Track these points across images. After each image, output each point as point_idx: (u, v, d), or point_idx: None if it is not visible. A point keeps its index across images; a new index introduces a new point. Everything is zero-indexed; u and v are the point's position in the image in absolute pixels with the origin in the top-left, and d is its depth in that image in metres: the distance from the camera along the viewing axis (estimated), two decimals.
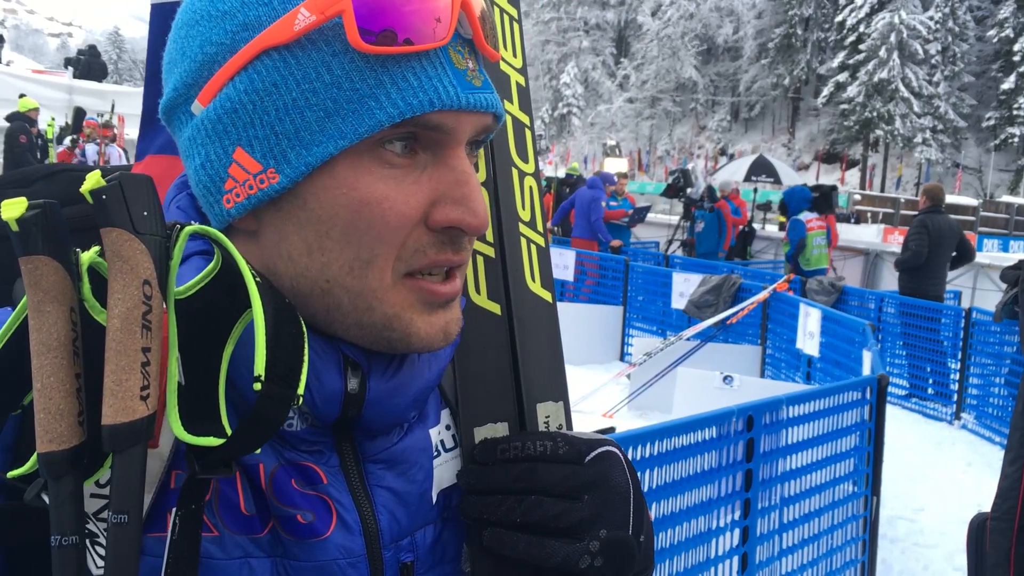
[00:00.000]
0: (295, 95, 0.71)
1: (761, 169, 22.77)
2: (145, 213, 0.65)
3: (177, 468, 0.73)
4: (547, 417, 0.98)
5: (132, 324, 0.63)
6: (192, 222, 0.72)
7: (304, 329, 0.71)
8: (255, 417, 0.66)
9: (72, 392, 0.64)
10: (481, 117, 0.77)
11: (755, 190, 22.34)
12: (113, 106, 17.45)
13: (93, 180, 0.64)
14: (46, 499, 0.64)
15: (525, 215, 1.03)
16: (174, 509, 0.70)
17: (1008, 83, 46.54)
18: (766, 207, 21.32)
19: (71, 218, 0.66)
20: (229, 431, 0.67)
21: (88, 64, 22.52)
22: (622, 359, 10.87)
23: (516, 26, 1.06)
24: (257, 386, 0.65)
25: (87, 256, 0.67)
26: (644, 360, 8.61)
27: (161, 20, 1.32)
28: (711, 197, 15.37)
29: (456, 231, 0.77)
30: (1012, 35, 47.08)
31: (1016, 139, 46.50)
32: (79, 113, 14.53)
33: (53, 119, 13.81)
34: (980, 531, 2.22)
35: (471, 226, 0.76)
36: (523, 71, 1.06)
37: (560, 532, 0.83)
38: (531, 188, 1.04)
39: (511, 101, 1.04)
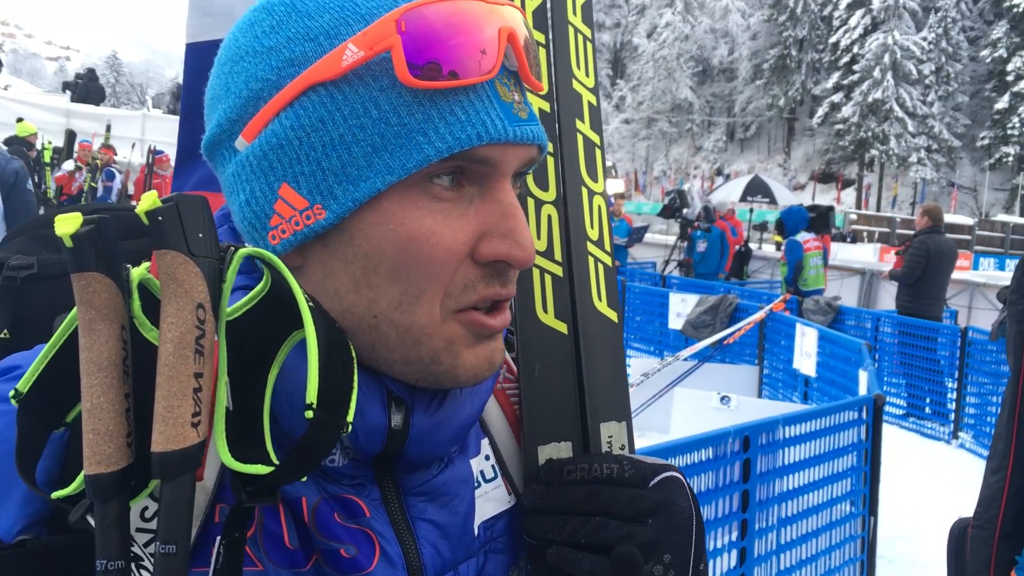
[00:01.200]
0: (342, 131, 0.71)
1: (757, 189, 22.85)
2: (200, 235, 0.64)
3: (221, 501, 0.72)
4: (610, 437, 0.98)
5: (185, 349, 0.62)
6: (245, 244, 0.72)
7: (354, 355, 0.70)
8: (305, 445, 0.65)
9: (121, 412, 0.63)
10: (527, 149, 0.77)
11: (751, 210, 22.39)
12: (109, 127, 17.46)
13: (149, 201, 0.63)
14: (91, 521, 0.62)
15: (593, 234, 1.02)
16: (218, 538, 0.69)
17: (1002, 103, 46.75)
18: (762, 227, 21.37)
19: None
20: (274, 458, 0.66)
21: (86, 88, 22.61)
22: (627, 380, 10.84)
23: (589, 45, 1.06)
24: (309, 414, 0.64)
25: (137, 272, 0.66)
26: (641, 380, 8.60)
27: (196, 59, 1.33)
28: (707, 218, 15.40)
29: (503, 264, 0.76)
30: (1005, 55, 47.36)
31: (1011, 158, 46.67)
32: (71, 136, 14.53)
33: (50, 142, 13.83)
34: (960, 539, 2.22)
35: (518, 259, 0.76)
36: (595, 91, 1.06)
37: None
38: (599, 207, 1.04)
39: (582, 120, 1.04)
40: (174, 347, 0.62)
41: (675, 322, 10.63)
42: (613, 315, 1.02)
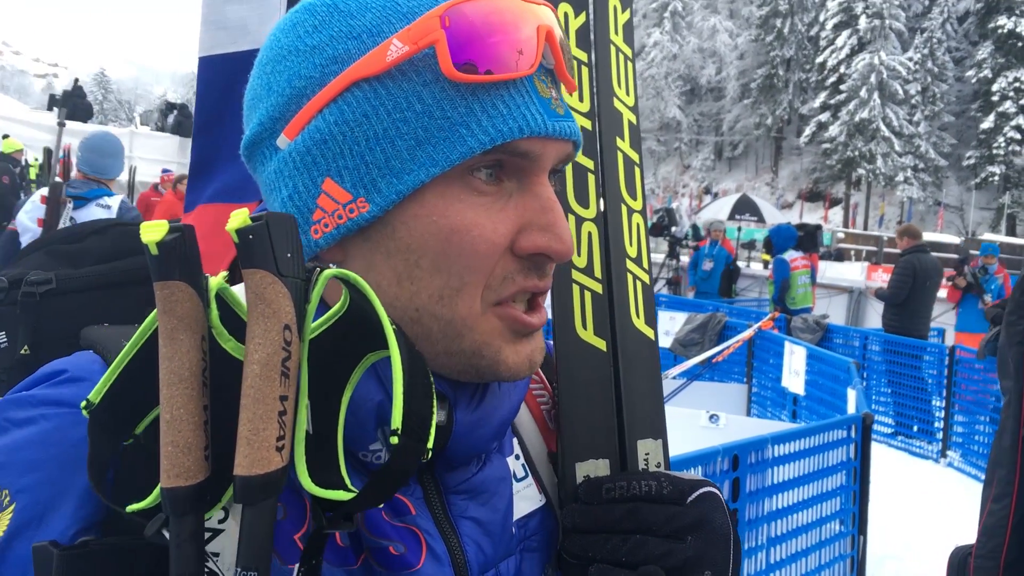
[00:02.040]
0: (386, 124, 0.72)
1: (745, 208, 22.97)
2: (289, 255, 0.63)
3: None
4: (647, 454, 0.99)
5: (272, 371, 0.61)
6: (332, 265, 0.73)
7: (432, 379, 0.69)
8: (389, 471, 0.65)
9: (200, 425, 0.61)
10: (564, 145, 0.79)
11: (739, 228, 22.49)
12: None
13: (240, 219, 0.61)
14: (167, 535, 0.61)
15: (632, 251, 1.04)
16: (297, 565, 0.68)
17: (987, 122, 47.17)
18: (750, 245, 21.45)
19: (124, 271, 0.66)
20: (348, 481, 0.65)
21: (74, 105, 22.57)
22: (663, 398, 10.83)
23: (630, 65, 1.08)
24: (395, 440, 0.63)
25: (215, 282, 0.65)
26: None
27: (209, 72, 1.32)
28: (695, 236, 15.44)
29: (542, 257, 0.78)
30: (990, 75, 47.82)
31: (996, 177, 47.05)
32: (48, 153, 14.32)
33: (36, 159, 13.75)
34: (962, 568, 2.20)
35: (558, 252, 0.77)
36: (635, 109, 1.08)
37: (665, 572, 0.84)
38: (638, 225, 1.05)
39: (623, 138, 1.06)
40: (261, 368, 0.60)
41: (664, 340, 10.63)
42: (651, 333, 1.04)
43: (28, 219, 5.61)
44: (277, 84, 0.77)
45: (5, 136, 14.11)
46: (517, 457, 0.93)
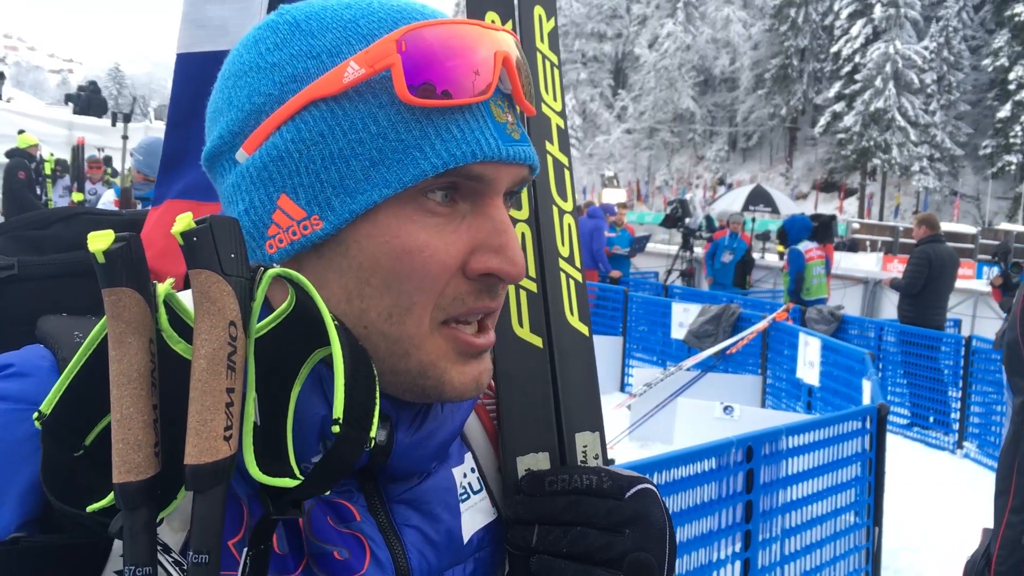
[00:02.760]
0: (341, 144, 0.74)
1: (759, 199, 22.87)
2: (232, 255, 0.66)
3: None
4: (585, 447, 1.02)
5: (218, 365, 0.64)
6: (274, 264, 0.75)
7: (375, 372, 0.72)
8: (332, 458, 0.67)
9: (150, 423, 0.65)
10: (519, 169, 0.80)
11: (753, 219, 22.40)
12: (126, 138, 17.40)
13: (184, 223, 0.64)
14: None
15: (564, 251, 1.07)
16: (245, 550, 0.71)
17: (1004, 111, 46.76)
18: (764, 236, 21.37)
19: (87, 261, 0.67)
20: (297, 471, 0.68)
21: (88, 100, 22.67)
22: (622, 390, 10.84)
23: (556, 72, 1.11)
24: (336, 428, 0.65)
25: (163, 288, 0.68)
26: (644, 391, 8.59)
27: (186, 69, 1.33)
28: (709, 227, 15.39)
29: (494, 279, 0.79)
30: (1007, 64, 47.38)
31: (1013, 167, 46.66)
32: (76, 151, 14.24)
33: (52, 154, 13.80)
34: None
35: (509, 274, 0.78)
36: (563, 114, 1.11)
37: (603, 563, 0.86)
38: (569, 225, 1.08)
39: (551, 142, 1.09)
40: (207, 363, 0.64)
41: (678, 332, 10.62)
42: (584, 329, 1.07)
43: None
44: (237, 99, 0.78)
45: (21, 131, 14.18)
46: (473, 470, 0.95)
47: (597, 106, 68.19)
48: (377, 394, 0.71)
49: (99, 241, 0.62)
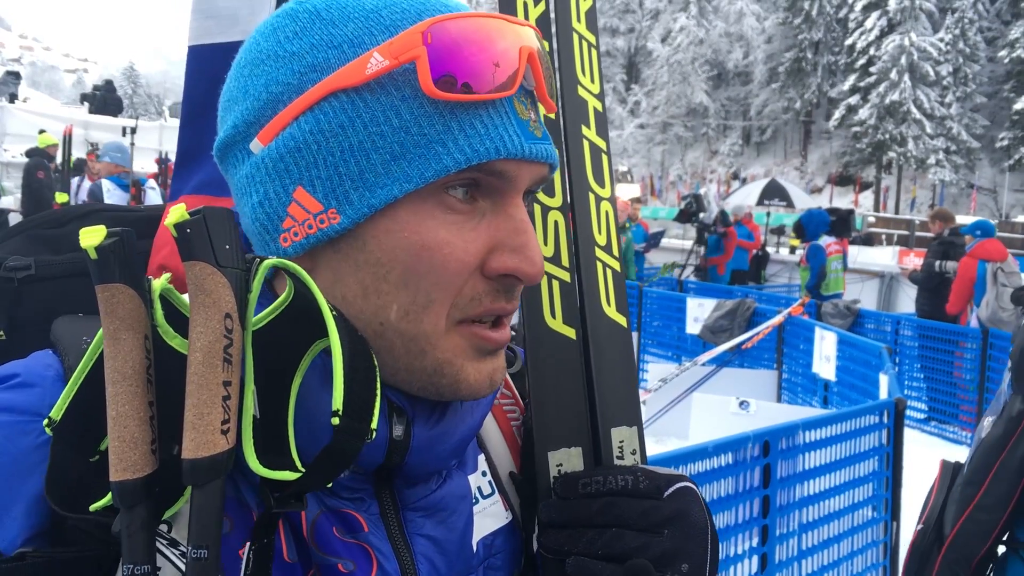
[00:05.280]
0: (362, 137, 0.72)
1: (774, 193, 22.80)
2: (227, 247, 0.65)
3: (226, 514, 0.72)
4: (621, 442, 0.98)
5: (214, 358, 0.64)
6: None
7: (376, 363, 0.71)
8: (331, 451, 0.66)
9: (146, 420, 0.64)
10: (540, 167, 0.79)
11: (768, 214, 22.32)
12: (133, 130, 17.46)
13: (177, 215, 0.64)
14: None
15: (601, 239, 1.04)
16: (248, 544, 0.70)
17: (1021, 103, 46.32)
18: (779, 231, 21.28)
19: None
20: (299, 464, 0.67)
21: (104, 99, 22.77)
22: (638, 385, 10.82)
23: (594, 52, 1.08)
24: (335, 421, 0.65)
25: (158, 283, 0.68)
26: (660, 386, 8.58)
27: (198, 62, 1.31)
28: (723, 222, 15.34)
29: (512, 279, 0.78)
30: (1023, 55, 47.01)
31: None
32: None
33: (73, 154, 13.84)
34: (924, 559, 2.13)
35: (527, 275, 0.77)
36: (600, 97, 1.08)
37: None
38: (607, 212, 1.05)
39: (588, 126, 1.05)
40: (203, 356, 0.64)
41: (693, 327, 10.59)
42: (622, 320, 1.03)
43: None
44: (254, 88, 0.77)
45: (42, 131, 14.25)
46: (484, 474, 0.93)
47: (610, 101, 67.99)
48: (378, 386, 0.70)
49: (91, 237, 0.62)
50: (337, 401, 0.65)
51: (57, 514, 0.67)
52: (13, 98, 19.92)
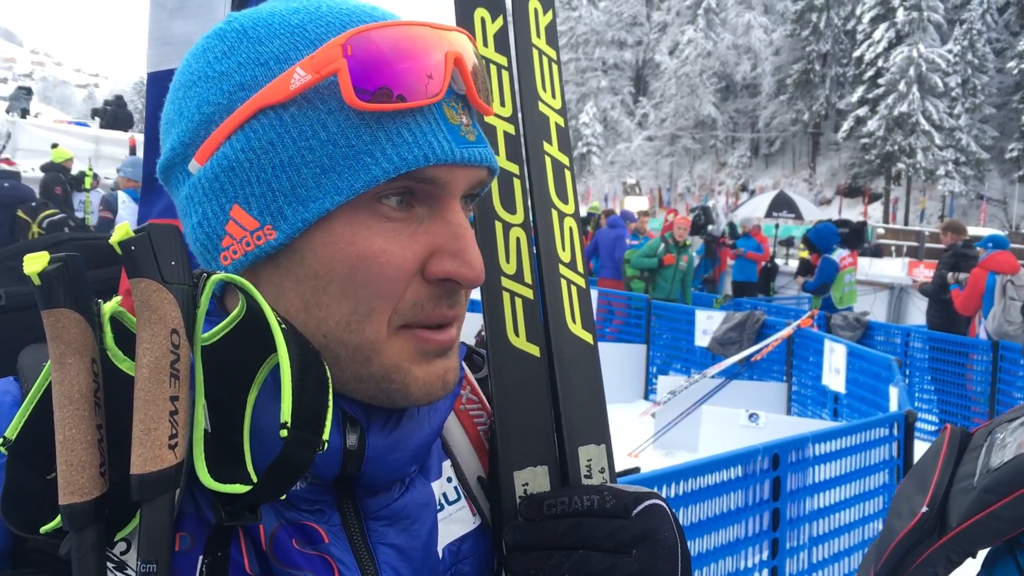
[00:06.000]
0: (291, 152, 0.72)
1: (782, 205, 22.72)
2: (173, 263, 0.66)
3: (182, 530, 0.72)
4: (589, 460, 0.97)
5: (160, 373, 0.64)
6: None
7: (328, 374, 0.71)
8: (281, 463, 0.66)
9: (93, 443, 0.64)
10: (475, 171, 0.79)
11: (776, 226, 22.28)
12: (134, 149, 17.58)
13: (122, 232, 0.65)
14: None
15: (565, 256, 1.03)
16: (200, 558, 0.70)
17: None
18: (788, 243, 21.24)
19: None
20: (255, 477, 0.67)
21: (114, 115, 22.89)
22: (646, 398, 10.80)
23: (555, 67, 1.07)
24: (283, 432, 0.65)
25: (108, 306, 0.68)
26: (669, 398, 8.56)
27: (158, 88, 1.30)
28: (732, 234, 15.33)
29: (452, 284, 0.77)
30: None
31: None
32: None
33: (91, 169, 13.88)
34: (920, 540, 2.09)
35: (467, 278, 0.77)
36: (562, 112, 1.07)
37: None
38: (571, 229, 1.04)
39: (550, 142, 1.04)
40: (149, 372, 0.64)
41: (702, 339, 10.57)
42: (588, 337, 1.02)
43: None
44: (187, 109, 0.77)
45: (55, 145, 14.29)
46: (449, 480, 0.92)
47: (618, 113, 68.10)
48: (330, 396, 0.69)
49: (34, 263, 0.62)
50: (286, 413, 0.65)
51: (16, 536, 0.67)
52: (25, 113, 20.01)
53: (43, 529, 0.65)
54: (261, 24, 0.76)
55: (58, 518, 0.65)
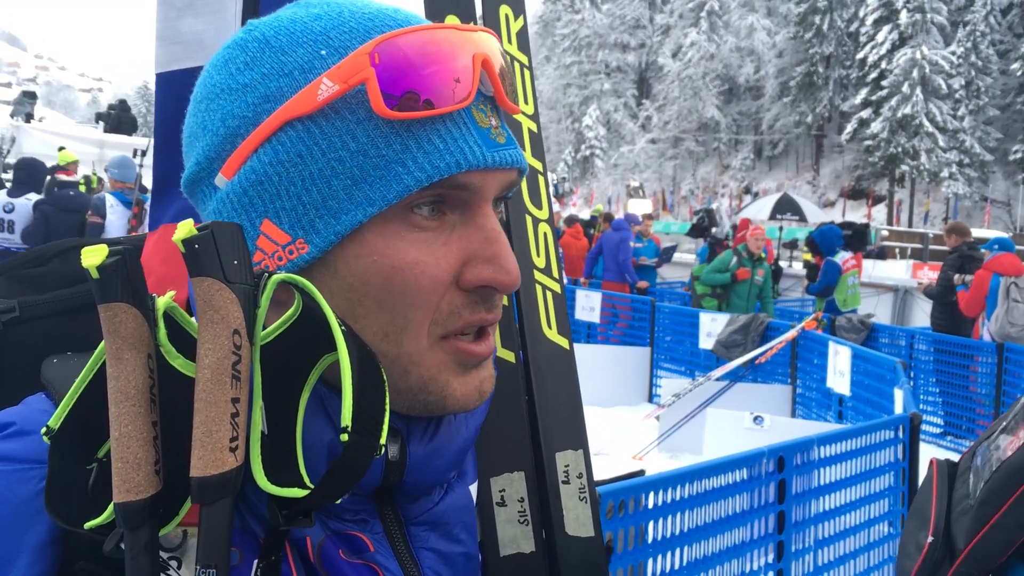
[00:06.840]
0: (321, 164, 0.71)
1: (786, 207, 22.72)
2: (235, 262, 0.65)
3: (234, 545, 0.71)
4: (567, 466, 0.97)
5: (222, 374, 0.63)
6: (280, 271, 0.73)
7: (385, 378, 0.69)
8: (340, 467, 0.65)
9: (149, 441, 0.63)
10: (507, 173, 0.78)
11: (780, 228, 22.27)
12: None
13: (185, 230, 0.63)
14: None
15: (540, 262, 1.02)
16: (255, 562, 0.70)
17: None
18: (792, 245, 21.22)
19: (88, 294, 0.66)
20: (307, 480, 0.66)
21: (118, 119, 22.92)
22: (651, 400, 10.79)
23: (527, 73, 1.07)
24: (344, 437, 0.64)
25: (163, 301, 0.67)
26: (673, 401, 8.56)
27: (167, 88, 1.28)
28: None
29: (488, 290, 0.76)
30: None
31: None
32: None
33: (95, 173, 13.88)
34: (935, 571, 2.10)
35: (503, 284, 0.76)
36: (535, 117, 1.06)
37: None
38: (545, 234, 1.04)
39: (524, 148, 1.04)
40: (212, 373, 0.63)
41: (706, 342, 10.55)
42: (564, 342, 1.02)
43: None
44: (211, 123, 0.76)
45: (61, 148, 14.30)
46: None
47: (621, 116, 68.14)
48: (387, 401, 0.68)
49: (93, 256, 0.61)
50: (346, 417, 0.64)
51: (63, 561, 0.67)
52: (29, 118, 20.01)
53: (88, 525, 0.64)
54: (283, 32, 0.75)
55: (104, 514, 0.64)
